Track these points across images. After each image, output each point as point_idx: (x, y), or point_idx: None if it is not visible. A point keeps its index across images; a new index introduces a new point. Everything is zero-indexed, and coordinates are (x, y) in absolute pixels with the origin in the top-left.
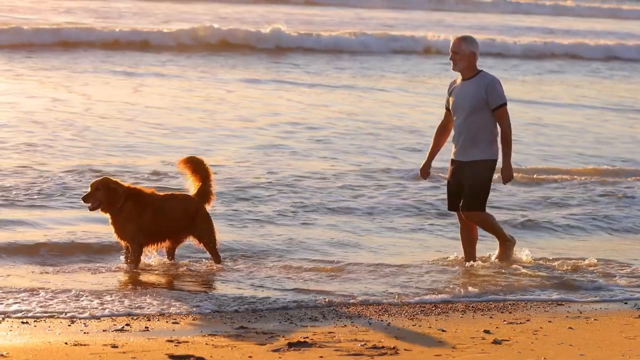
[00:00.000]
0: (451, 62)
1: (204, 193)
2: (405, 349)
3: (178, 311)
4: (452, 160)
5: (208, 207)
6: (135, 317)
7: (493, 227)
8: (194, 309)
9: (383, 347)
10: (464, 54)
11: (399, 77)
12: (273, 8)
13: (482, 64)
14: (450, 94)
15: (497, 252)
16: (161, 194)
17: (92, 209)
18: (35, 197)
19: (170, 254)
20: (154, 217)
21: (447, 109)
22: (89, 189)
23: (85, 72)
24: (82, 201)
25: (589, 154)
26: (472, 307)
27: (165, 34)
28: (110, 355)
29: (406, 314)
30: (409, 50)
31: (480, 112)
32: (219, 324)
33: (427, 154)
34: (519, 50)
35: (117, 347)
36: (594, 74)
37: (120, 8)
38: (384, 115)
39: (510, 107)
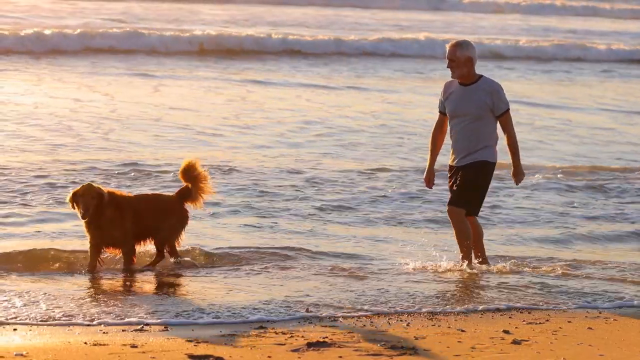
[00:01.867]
0: (449, 69)
1: (186, 192)
2: (424, 349)
3: (196, 312)
4: (450, 166)
5: (196, 206)
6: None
7: (465, 238)
8: (211, 310)
9: (402, 347)
10: (461, 60)
11: (419, 78)
12: (288, 9)
13: (497, 65)
14: (446, 99)
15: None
16: (132, 195)
17: (86, 217)
18: (52, 200)
19: (173, 254)
20: (133, 219)
21: (442, 112)
22: (78, 199)
23: (104, 75)
24: (82, 218)
25: (630, 154)
26: (491, 307)
27: (177, 38)
28: (130, 355)
29: (425, 314)
30: (424, 53)
31: (483, 118)
32: (238, 324)
33: (428, 161)
34: (527, 52)
35: (136, 347)
36: (602, 76)
37: (132, 10)
38: (409, 116)
39: (532, 109)
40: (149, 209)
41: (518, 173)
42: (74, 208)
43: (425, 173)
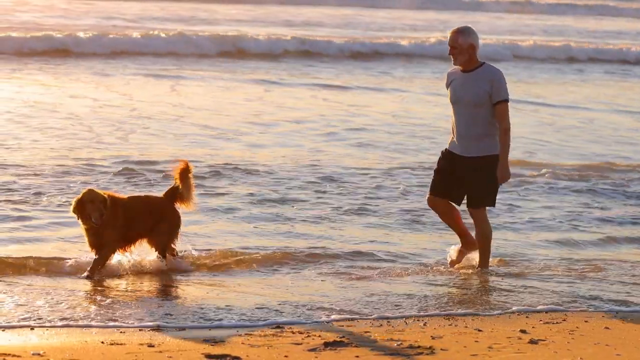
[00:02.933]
0: (451, 57)
1: (174, 193)
2: (441, 349)
3: (214, 312)
4: (448, 150)
5: (184, 208)
6: (168, 323)
7: (488, 239)
8: (229, 309)
9: (419, 346)
10: (463, 47)
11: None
12: (303, 9)
13: (514, 65)
14: (449, 86)
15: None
16: (124, 196)
17: (99, 223)
18: (68, 202)
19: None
20: (125, 221)
21: None
22: (86, 206)
23: (122, 75)
24: (94, 223)
25: None
26: (509, 308)
27: (192, 39)
28: (147, 355)
29: (442, 313)
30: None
31: (484, 106)
32: (255, 324)
33: None
34: (547, 52)
35: (153, 346)
36: (618, 76)
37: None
38: (427, 115)
39: (553, 110)
40: (142, 210)
41: (503, 171)
42: (79, 216)
43: None
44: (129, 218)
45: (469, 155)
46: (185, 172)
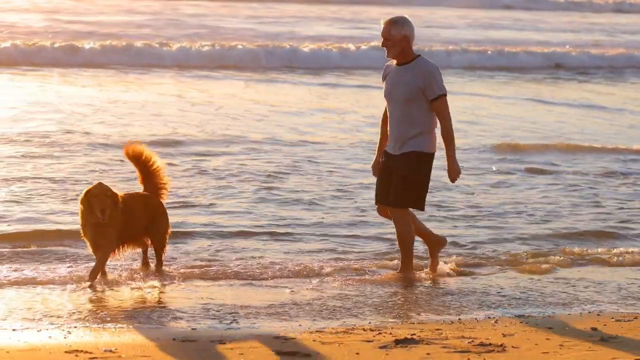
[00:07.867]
0: (384, 48)
1: (156, 188)
2: (512, 347)
3: (284, 308)
4: (384, 152)
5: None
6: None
7: (406, 242)
8: (299, 305)
9: (490, 344)
10: (395, 39)
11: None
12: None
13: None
14: (384, 81)
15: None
16: (121, 193)
17: (104, 219)
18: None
19: (144, 258)
20: (123, 219)
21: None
22: (92, 199)
23: (216, 79)
24: (100, 216)
25: None
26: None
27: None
28: (218, 351)
29: (513, 311)
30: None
31: (415, 102)
32: (325, 320)
33: (377, 149)
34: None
35: (224, 343)
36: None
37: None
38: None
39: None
40: (136, 207)
41: (451, 169)
42: (86, 208)
43: (373, 162)
44: (127, 217)
45: (398, 154)
46: (139, 157)
